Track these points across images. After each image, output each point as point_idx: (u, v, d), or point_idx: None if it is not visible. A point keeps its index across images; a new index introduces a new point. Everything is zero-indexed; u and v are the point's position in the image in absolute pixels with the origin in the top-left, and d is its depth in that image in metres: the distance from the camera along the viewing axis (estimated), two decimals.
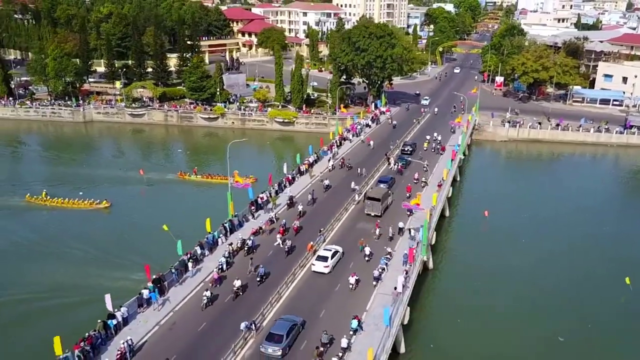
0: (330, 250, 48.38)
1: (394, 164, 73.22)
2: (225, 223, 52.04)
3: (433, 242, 55.71)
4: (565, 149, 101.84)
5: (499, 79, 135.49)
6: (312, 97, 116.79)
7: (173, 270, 44.14)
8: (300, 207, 56.75)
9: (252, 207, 56.87)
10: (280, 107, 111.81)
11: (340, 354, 35.81)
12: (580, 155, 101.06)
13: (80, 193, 71.89)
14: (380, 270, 45.37)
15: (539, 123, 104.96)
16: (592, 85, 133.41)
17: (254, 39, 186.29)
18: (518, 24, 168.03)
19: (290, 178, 65.90)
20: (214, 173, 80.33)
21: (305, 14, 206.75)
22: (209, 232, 49.80)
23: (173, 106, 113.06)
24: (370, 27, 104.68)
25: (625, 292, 52.73)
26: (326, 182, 65.55)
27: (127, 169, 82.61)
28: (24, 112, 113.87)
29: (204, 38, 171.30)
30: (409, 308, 43.19)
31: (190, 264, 45.62)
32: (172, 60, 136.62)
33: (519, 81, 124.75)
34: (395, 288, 42.63)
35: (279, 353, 35.80)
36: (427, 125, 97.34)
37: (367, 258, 48.50)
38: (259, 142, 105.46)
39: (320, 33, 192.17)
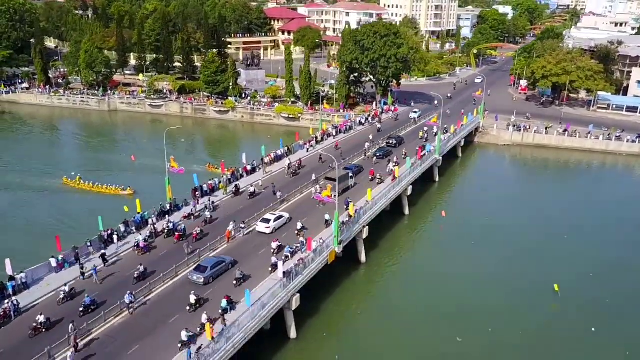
0: (275, 214, 54.48)
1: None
2: (161, 205, 55.26)
3: (365, 236, 56.21)
4: (573, 156, 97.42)
5: (524, 83, 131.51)
6: (321, 94, 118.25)
7: (88, 244, 47.69)
8: (208, 214, 54.95)
9: (197, 193, 59.72)
10: (290, 103, 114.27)
11: (199, 329, 37.90)
12: (587, 163, 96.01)
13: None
14: (282, 258, 46.83)
15: (546, 128, 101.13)
16: (625, 92, 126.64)
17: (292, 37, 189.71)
18: (553, 27, 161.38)
19: (248, 169, 68.06)
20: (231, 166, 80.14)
21: (347, 13, 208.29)
22: (139, 212, 53.16)
23: (189, 99, 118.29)
24: (376, 27, 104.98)
25: (555, 299, 51.62)
26: (251, 189, 61.52)
27: (147, 158, 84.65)
28: (57, 100, 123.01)
29: (238, 35, 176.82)
30: (298, 295, 44.39)
31: (115, 237, 49.28)
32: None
33: (539, 85, 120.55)
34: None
35: (202, 281, 43.74)
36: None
37: (296, 231, 52.77)
38: (264, 135, 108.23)
39: None
